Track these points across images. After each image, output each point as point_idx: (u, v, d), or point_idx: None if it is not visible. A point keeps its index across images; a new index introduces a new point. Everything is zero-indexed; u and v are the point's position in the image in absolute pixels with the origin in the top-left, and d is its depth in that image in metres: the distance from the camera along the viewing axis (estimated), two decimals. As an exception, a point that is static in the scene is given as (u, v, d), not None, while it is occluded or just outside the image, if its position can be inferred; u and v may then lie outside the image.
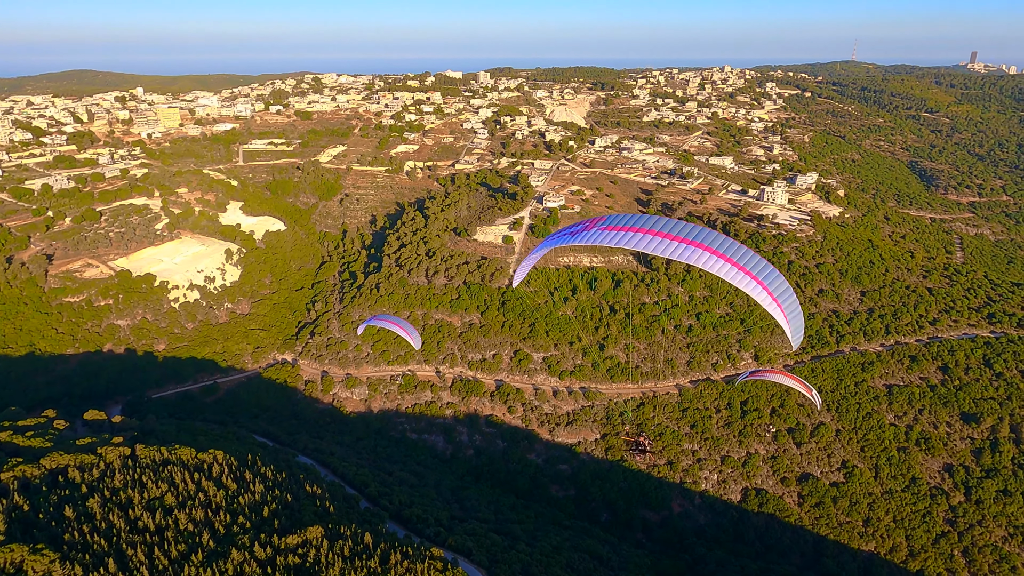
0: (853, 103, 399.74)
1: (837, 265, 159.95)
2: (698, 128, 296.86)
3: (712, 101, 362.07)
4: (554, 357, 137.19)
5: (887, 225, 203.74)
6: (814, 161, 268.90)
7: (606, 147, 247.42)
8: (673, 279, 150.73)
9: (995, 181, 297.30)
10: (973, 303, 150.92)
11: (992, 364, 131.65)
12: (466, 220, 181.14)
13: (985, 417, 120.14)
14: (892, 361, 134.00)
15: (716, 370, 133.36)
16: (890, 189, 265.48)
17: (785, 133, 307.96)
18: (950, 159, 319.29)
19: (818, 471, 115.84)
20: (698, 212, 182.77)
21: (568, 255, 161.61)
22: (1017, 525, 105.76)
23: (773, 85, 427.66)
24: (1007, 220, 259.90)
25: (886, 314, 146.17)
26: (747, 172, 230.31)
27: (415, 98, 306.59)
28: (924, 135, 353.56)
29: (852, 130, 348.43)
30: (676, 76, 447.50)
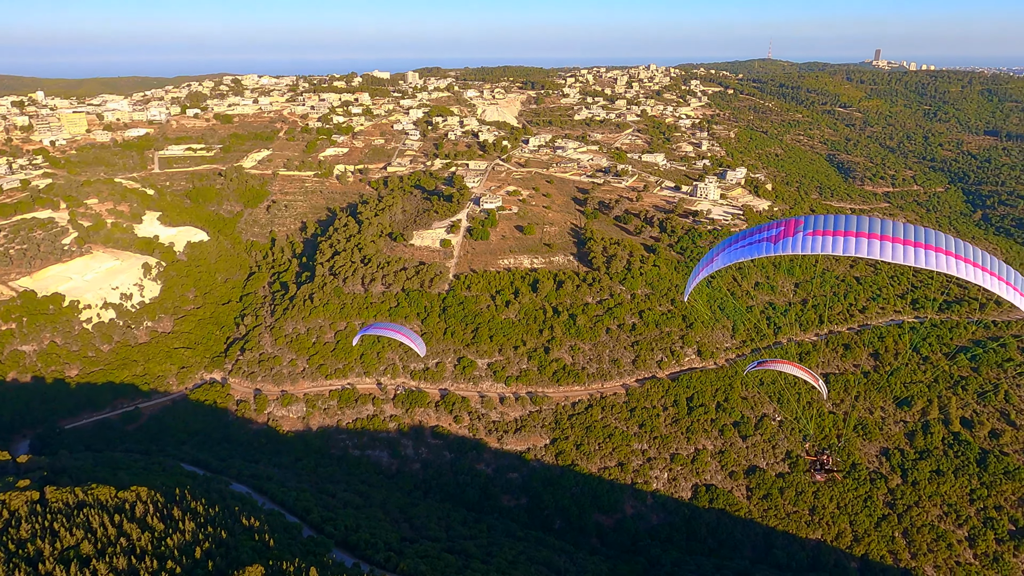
0: (773, 99, 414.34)
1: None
2: (629, 126, 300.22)
3: (640, 99, 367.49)
4: (499, 363, 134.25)
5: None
6: (741, 156, 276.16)
7: (540, 146, 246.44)
8: (615, 278, 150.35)
9: (906, 172, 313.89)
10: (897, 290, 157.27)
11: (919, 348, 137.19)
12: (401, 224, 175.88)
13: (916, 400, 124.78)
14: (827, 350, 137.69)
15: (661, 367, 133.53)
16: (812, 182, 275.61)
17: (712, 129, 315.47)
18: (864, 152, 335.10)
19: (764, 463, 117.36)
20: (635, 210, 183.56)
21: (509, 257, 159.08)
22: (951, 503, 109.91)
23: (697, 83, 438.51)
24: (919, 208, 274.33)
25: (819, 304, 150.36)
26: (679, 168, 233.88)
27: (343, 99, 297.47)
28: (839, 129, 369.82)
29: (773, 125, 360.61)
30: (604, 75, 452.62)
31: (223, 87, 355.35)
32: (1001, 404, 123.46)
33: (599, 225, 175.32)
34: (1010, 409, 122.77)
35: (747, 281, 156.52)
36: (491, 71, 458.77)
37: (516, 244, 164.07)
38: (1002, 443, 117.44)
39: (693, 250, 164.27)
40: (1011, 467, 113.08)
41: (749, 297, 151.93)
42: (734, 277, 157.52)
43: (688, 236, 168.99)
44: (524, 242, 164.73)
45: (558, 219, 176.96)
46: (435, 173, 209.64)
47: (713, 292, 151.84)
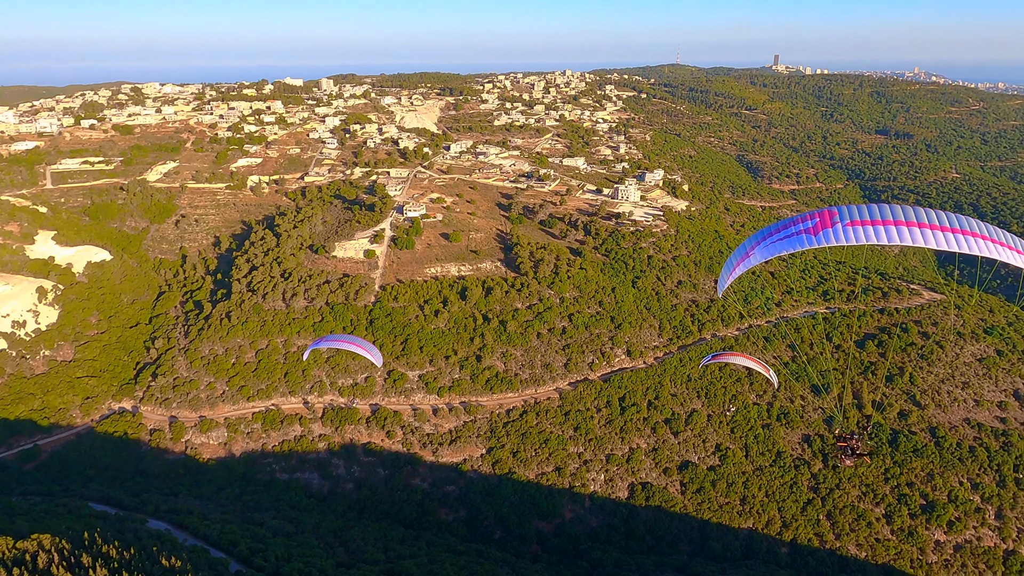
0: (684, 103, 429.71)
1: (691, 256, 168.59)
2: (548, 130, 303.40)
3: (558, 104, 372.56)
4: (430, 374, 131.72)
5: (728, 215, 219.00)
6: (657, 159, 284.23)
7: (462, 152, 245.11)
8: (543, 282, 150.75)
9: (808, 170, 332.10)
10: (809, 283, 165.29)
11: (831, 337, 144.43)
12: (323, 236, 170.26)
13: (832, 387, 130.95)
14: (748, 343, 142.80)
15: (593, 369, 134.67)
16: (725, 181, 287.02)
17: (628, 133, 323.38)
18: (770, 152, 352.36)
19: (696, 457, 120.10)
20: (559, 214, 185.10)
21: (436, 265, 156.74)
22: (868, 484, 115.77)
23: (612, 87, 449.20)
24: (822, 204, 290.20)
25: (739, 299, 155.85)
26: (599, 172, 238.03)
27: (254, 108, 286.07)
28: (747, 131, 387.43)
29: (686, 128, 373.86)
30: (521, 80, 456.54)
31: (122, 96, 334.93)
32: (907, 386, 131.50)
33: (524, 230, 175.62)
34: (915, 391, 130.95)
35: (671, 280, 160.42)
36: (408, 77, 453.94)
37: (442, 252, 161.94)
38: (910, 423, 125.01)
39: (618, 252, 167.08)
40: (919, 445, 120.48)
41: (673, 296, 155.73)
42: (658, 276, 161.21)
43: (612, 238, 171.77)
44: (450, 250, 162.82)
45: (483, 225, 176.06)
46: (355, 182, 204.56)
47: (639, 293, 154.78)
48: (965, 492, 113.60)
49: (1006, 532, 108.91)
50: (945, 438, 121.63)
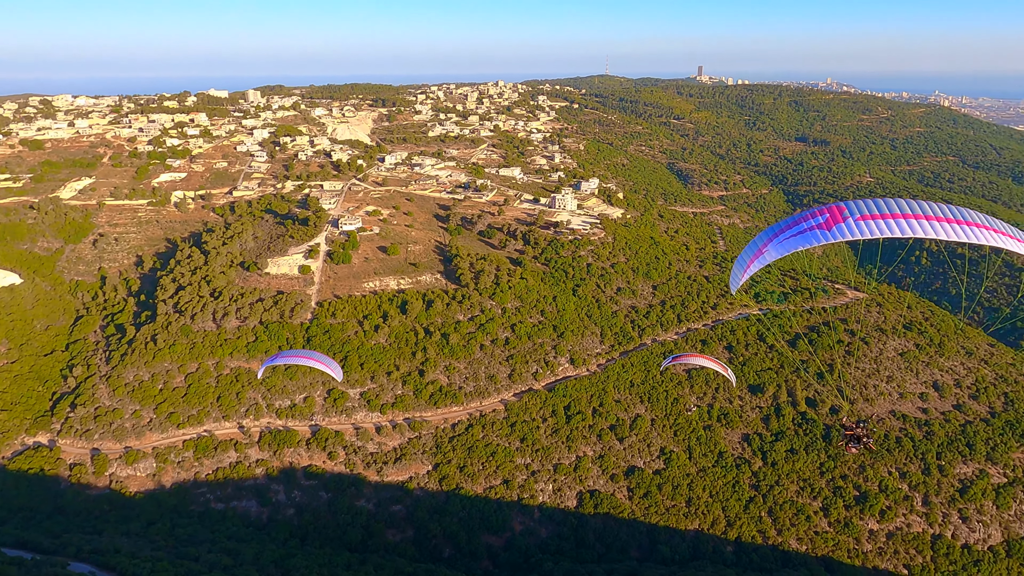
0: (615, 112, 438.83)
1: (629, 263, 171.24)
2: (483, 141, 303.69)
3: (492, 114, 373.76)
4: (372, 391, 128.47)
5: (662, 222, 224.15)
6: (591, 167, 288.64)
7: (397, 164, 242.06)
8: (484, 293, 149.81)
9: (735, 176, 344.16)
10: (743, 285, 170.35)
11: (765, 338, 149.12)
12: (254, 252, 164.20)
13: (767, 387, 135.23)
14: (687, 347, 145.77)
15: (537, 379, 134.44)
16: (657, 189, 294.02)
17: (563, 143, 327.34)
18: (699, 159, 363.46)
19: (641, 462, 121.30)
20: (498, 224, 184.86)
21: (374, 279, 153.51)
22: (805, 478, 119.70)
23: (544, 98, 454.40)
24: (749, 209, 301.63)
25: (676, 304, 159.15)
26: (536, 181, 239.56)
27: (176, 120, 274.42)
28: (676, 139, 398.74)
29: (618, 137, 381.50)
30: (455, 91, 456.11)
31: (30, 109, 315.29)
32: (837, 382, 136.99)
33: (464, 241, 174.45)
34: (844, 386, 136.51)
35: (610, 287, 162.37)
36: (339, 88, 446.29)
37: (380, 265, 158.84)
38: (840, 417, 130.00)
39: (557, 260, 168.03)
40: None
41: (613, 303, 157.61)
42: (598, 284, 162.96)
43: (551, 247, 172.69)
44: (389, 263, 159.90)
45: (422, 237, 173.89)
46: (287, 196, 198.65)
47: (580, 301, 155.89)
48: (894, 481, 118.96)
49: (932, 517, 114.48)
50: (874, 430, 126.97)
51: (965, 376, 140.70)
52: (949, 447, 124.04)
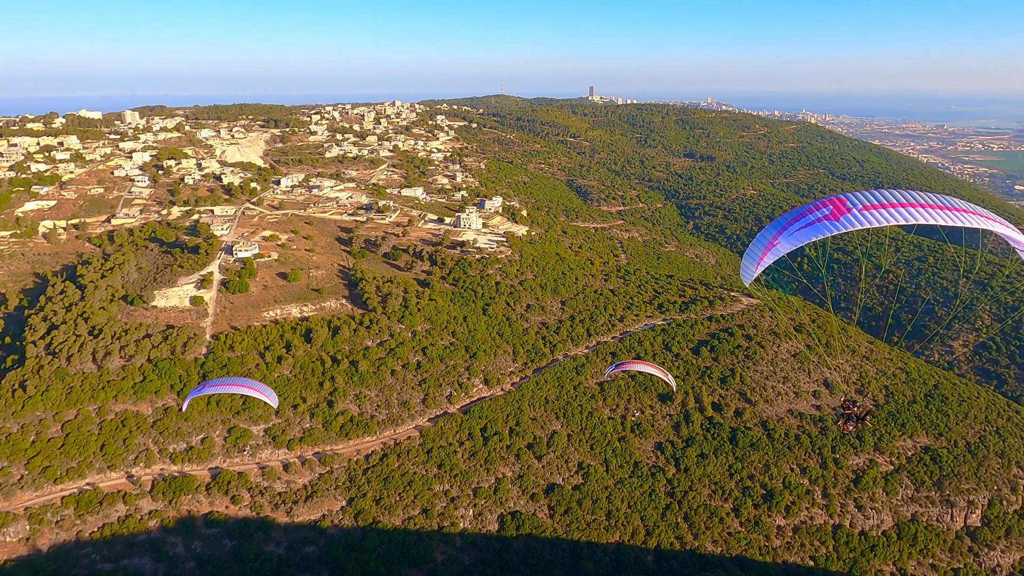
0: (513, 131, 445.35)
1: (537, 280, 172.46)
2: (383, 161, 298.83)
3: (390, 134, 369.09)
4: (278, 426, 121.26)
5: (566, 238, 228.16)
6: (494, 186, 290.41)
7: (294, 186, 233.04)
8: (392, 317, 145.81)
9: (631, 192, 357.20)
10: (645, 297, 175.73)
11: (671, 347, 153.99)
12: (139, 285, 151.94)
13: (676, 394, 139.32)
14: (598, 360, 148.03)
15: (452, 402, 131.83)
16: (559, 205, 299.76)
17: (464, 162, 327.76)
18: (596, 176, 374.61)
19: (561, 479, 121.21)
20: (403, 245, 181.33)
21: (275, 308, 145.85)
22: (716, 481, 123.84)
23: (443, 118, 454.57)
24: (647, 223, 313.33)
25: (585, 319, 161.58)
26: (439, 201, 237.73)
27: (42, 144, 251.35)
28: (574, 157, 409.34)
29: (517, 155, 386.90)
30: (351, 111, 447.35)
31: None
32: (739, 386, 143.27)
33: (368, 264, 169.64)
34: (746, 389, 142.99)
35: (520, 305, 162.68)
36: (226, 109, 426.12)
37: (281, 293, 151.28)
38: (745, 419, 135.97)
39: (466, 280, 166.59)
40: (754, 439, 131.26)
41: (524, 320, 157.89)
42: (507, 302, 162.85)
43: (459, 267, 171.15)
44: (290, 290, 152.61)
45: (324, 262, 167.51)
46: (174, 223, 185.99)
47: (491, 320, 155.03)
48: (796, 477, 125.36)
49: (832, 509, 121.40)
50: (775, 430, 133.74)
51: (851, 373, 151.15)
52: (842, 441, 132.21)
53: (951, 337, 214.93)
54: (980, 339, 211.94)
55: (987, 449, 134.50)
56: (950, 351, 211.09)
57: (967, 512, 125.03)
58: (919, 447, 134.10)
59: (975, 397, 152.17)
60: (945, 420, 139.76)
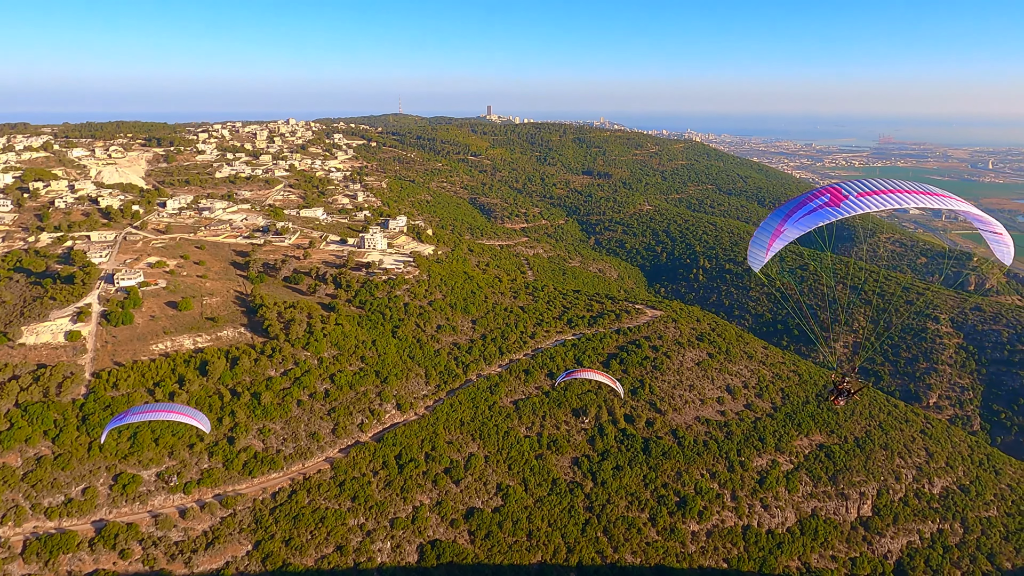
0: (414, 150, 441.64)
1: (447, 300, 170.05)
2: (279, 181, 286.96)
3: (286, 153, 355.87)
4: (172, 468, 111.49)
5: (473, 256, 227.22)
6: (396, 205, 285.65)
7: (182, 208, 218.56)
8: (296, 344, 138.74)
9: (534, 209, 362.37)
10: (555, 313, 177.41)
11: (582, 362, 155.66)
12: (3, 321, 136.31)
13: (589, 408, 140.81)
14: (512, 378, 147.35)
15: (364, 430, 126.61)
16: (463, 224, 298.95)
17: (364, 181, 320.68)
18: (499, 194, 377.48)
19: (480, 502, 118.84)
20: (305, 268, 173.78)
21: (164, 340, 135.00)
22: (632, 492, 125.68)
23: (340, 136, 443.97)
24: (550, 239, 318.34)
25: (496, 337, 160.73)
26: (341, 221, 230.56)
27: None
28: (475, 175, 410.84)
29: (419, 174, 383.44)
30: (242, 130, 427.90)
31: None
32: (649, 396, 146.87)
33: (268, 289, 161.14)
34: (655, 399, 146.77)
35: (430, 326, 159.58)
36: (101, 127, 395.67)
37: (171, 324, 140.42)
38: (656, 429, 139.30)
39: (373, 302, 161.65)
40: (666, 447, 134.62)
41: (435, 341, 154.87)
42: (417, 323, 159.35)
43: (365, 288, 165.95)
44: (181, 320, 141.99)
45: (219, 288, 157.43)
46: (44, 250, 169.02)
47: (401, 343, 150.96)
48: (707, 482, 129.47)
49: (741, 510, 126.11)
50: (684, 437, 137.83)
51: (750, 378, 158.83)
52: (746, 443, 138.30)
53: (832, 339, 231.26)
54: (858, 339, 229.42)
55: (873, 443, 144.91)
56: (832, 352, 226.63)
57: (860, 503, 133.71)
58: (814, 445, 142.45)
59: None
60: (835, 418, 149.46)
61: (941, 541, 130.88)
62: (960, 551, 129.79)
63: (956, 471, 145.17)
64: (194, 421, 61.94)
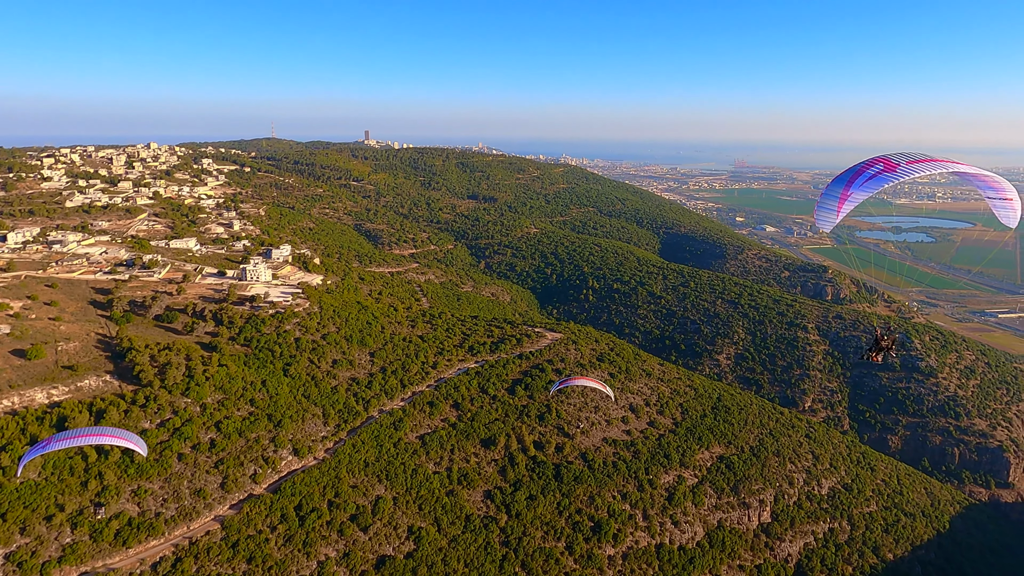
0: (292, 175, 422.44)
1: (341, 332, 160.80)
2: (142, 210, 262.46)
3: (148, 180, 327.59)
4: (26, 547, 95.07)
5: (364, 285, 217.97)
6: (278, 233, 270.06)
7: (27, 242, 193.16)
8: (175, 390, 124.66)
9: (422, 234, 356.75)
10: (455, 340, 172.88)
11: (487, 389, 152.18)
12: None
13: (498, 438, 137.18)
14: (416, 412, 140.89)
15: (257, 482, 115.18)
16: (350, 251, 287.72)
17: (240, 208, 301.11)
18: (385, 220, 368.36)
19: (391, 548, 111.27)
20: (179, 305, 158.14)
21: (9, 396, 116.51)
22: (547, 521, 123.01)
23: (210, 161, 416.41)
24: (441, 265, 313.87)
25: (397, 369, 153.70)
26: (217, 252, 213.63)
27: None
28: (359, 201, 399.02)
29: (299, 200, 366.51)
30: (95, 155, 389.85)
31: None
32: (556, 421, 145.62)
33: (138, 330, 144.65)
34: (563, 423, 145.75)
35: (325, 361, 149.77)
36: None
37: (19, 375, 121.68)
38: (566, 454, 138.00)
39: (260, 339, 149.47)
40: (577, 472, 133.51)
41: (332, 377, 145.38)
42: (311, 359, 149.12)
43: (251, 324, 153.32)
44: (31, 370, 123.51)
45: (77, 331, 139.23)
46: None
47: (294, 381, 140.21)
48: (619, 504, 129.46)
49: (653, 529, 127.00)
50: (594, 460, 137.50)
51: (650, 395, 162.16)
52: (653, 461, 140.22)
53: (716, 352, 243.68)
54: (738, 351, 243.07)
55: (767, 450, 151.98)
56: (717, 364, 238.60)
57: (759, 511, 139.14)
58: (715, 457, 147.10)
59: (749, 404, 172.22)
60: (731, 429, 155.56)
61: (833, 540, 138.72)
62: (850, 547, 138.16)
63: (839, 471, 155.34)
64: (129, 443, 54.74)
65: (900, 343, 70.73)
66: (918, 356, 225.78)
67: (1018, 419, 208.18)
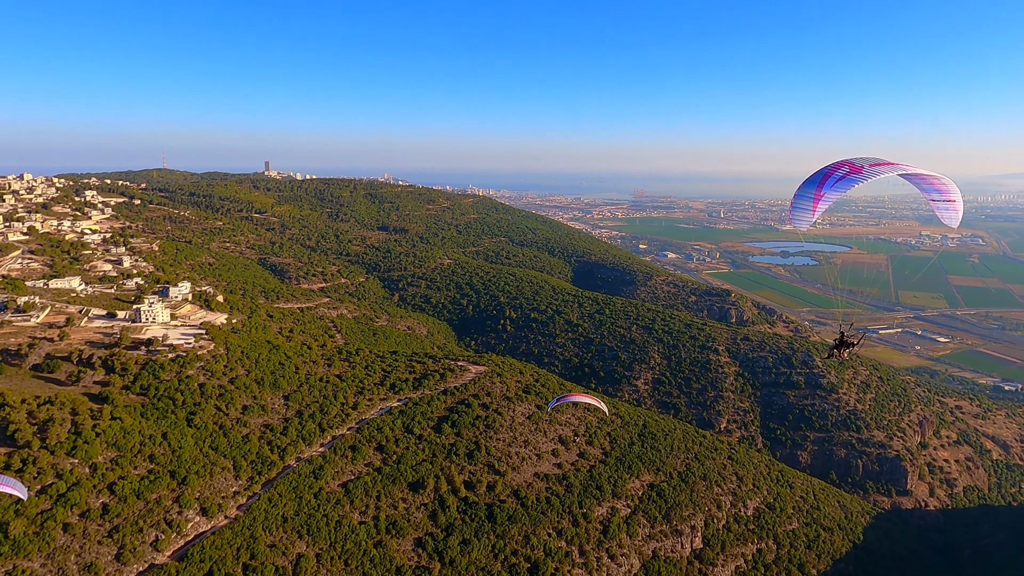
0: (188, 208, 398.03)
1: (251, 375, 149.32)
2: (15, 247, 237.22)
3: (21, 214, 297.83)
4: None
5: (273, 322, 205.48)
6: (174, 269, 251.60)
7: None
8: (59, 450, 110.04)
9: (331, 267, 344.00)
10: (375, 378, 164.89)
11: (412, 429, 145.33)
12: None
13: (427, 480, 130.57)
14: (337, 458, 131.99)
15: (160, 549, 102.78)
16: (256, 287, 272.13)
17: (130, 243, 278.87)
18: (291, 253, 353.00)
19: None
20: (62, 352, 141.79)
21: None
22: (482, 567, 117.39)
23: (94, 193, 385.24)
24: (353, 299, 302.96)
25: (315, 412, 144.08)
26: (106, 292, 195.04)
27: None
28: (262, 234, 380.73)
29: (196, 234, 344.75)
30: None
31: None
32: (486, 458, 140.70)
33: (11, 383, 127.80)
34: (493, 460, 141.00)
35: (234, 408, 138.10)
36: None
37: None
38: (498, 492, 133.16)
39: (159, 387, 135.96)
40: (510, 511, 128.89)
41: (242, 425, 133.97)
42: (217, 407, 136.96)
43: (148, 371, 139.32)
44: None
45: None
46: None
47: (199, 432, 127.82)
48: (554, 541, 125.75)
49: (590, 564, 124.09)
50: (527, 497, 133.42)
51: (578, 426, 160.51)
52: (586, 494, 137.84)
53: (635, 377, 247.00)
54: (655, 375, 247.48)
55: (694, 475, 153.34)
56: (636, 390, 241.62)
57: (691, 537, 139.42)
58: (646, 485, 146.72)
59: (673, 429, 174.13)
60: (659, 455, 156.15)
61: (761, 560, 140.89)
62: (777, 567, 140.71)
63: (762, 491, 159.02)
64: (9, 488, 51.71)
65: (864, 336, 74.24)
66: (820, 373, 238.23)
67: (911, 429, 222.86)
